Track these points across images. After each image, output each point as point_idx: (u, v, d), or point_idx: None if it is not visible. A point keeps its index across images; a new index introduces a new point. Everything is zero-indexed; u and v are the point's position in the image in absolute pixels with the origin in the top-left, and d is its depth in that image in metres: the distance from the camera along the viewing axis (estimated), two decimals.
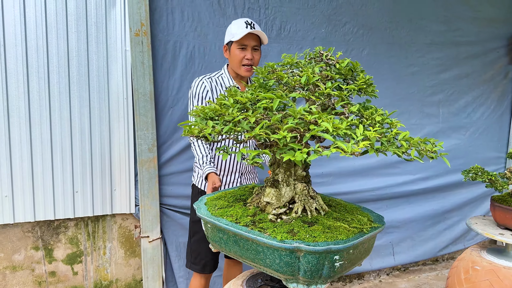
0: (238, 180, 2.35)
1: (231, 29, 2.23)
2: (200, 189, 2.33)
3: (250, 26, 2.18)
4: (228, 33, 2.25)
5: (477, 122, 3.69)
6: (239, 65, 2.21)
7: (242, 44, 2.18)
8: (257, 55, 2.24)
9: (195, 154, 2.20)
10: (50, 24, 2.51)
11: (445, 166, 3.58)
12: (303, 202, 1.47)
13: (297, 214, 1.43)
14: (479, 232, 2.37)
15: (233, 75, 2.29)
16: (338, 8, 3.06)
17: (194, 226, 2.37)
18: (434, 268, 3.74)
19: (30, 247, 2.70)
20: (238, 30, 2.17)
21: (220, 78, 2.28)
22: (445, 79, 3.51)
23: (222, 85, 2.26)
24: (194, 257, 2.37)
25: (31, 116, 2.54)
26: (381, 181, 3.37)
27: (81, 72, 2.60)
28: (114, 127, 2.71)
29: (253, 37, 2.19)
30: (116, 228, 2.87)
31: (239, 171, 2.34)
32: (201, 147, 2.19)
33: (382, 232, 3.43)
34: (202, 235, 2.30)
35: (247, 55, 2.19)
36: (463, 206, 3.72)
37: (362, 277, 3.53)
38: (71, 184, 2.66)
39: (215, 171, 2.10)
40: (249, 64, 2.20)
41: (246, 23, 2.19)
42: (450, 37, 3.46)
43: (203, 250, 2.33)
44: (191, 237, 2.40)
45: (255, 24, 2.23)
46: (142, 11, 2.54)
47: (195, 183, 2.38)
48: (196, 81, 2.26)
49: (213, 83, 2.25)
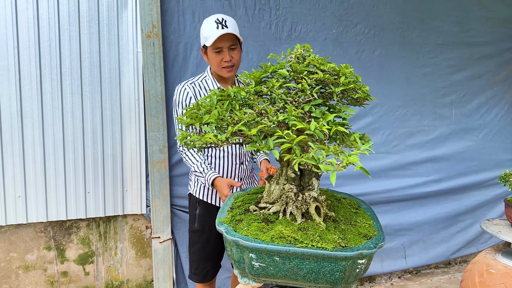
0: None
1: (202, 31, 2.07)
2: (198, 198, 2.25)
3: (222, 25, 2.01)
4: (201, 35, 2.09)
5: (490, 123, 3.64)
6: (219, 68, 2.08)
7: (217, 47, 2.03)
8: (235, 54, 2.08)
9: (190, 164, 2.11)
10: (63, 26, 2.53)
11: (458, 168, 3.54)
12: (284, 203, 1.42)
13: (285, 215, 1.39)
14: (495, 235, 2.33)
15: (217, 77, 2.17)
16: (349, 9, 3.05)
17: (193, 237, 2.30)
18: (447, 271, 3.70)
19: (43, 247, 2.73)
20: (210, 33, 2.01)
21: (204, 81, 2.17)
22: (458, 80, 3.47)
23: (206, 88, 2.15)
24: (195, 268, 2.31)
25: (44, 117, 2.56)
26: (393, 183, 3.33)
27: (93, 73, 2.62)
28: (126, 128, 2.72)
29: (227, 36, 2.02)
30: (128, 229, 2.88)
31: (238, 177, 2.26)
32: (195, 155, 2.10)
33: (394, 234, 3.42)
34: (202, 245, 2.26)
35: (225, 57, 2.05)
36: (476, 208, 3.67)
37: (374, 280, 3.50)
38: (83, 184, 2.68)
39: (220, 175, 2.04)
40: (229, 65, 2.07)
41: (217, 22, 2.02)
42: (463, 38, 3.43)
43: (203, 259, 2.27)
44: (190, 247, 2.34)
45: (228, 20, 2.05)
46: (154, 13, 2.56)
47: (191, 192, 2.29)
48: (178, 88, 2.15)
49: (196, 88, 2.14)
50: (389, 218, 3.37)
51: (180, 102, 2.12)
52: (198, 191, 2.25)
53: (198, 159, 2.10)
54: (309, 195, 1.42)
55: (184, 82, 2.16)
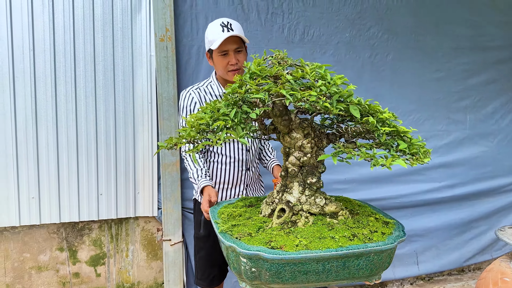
0: (243, 193, 2.24)
1: (208, 34, 2.06)
2: None
3: (227, 28, 2.00)
4: (206, 40, 2.08)
5: (505, 128, 3.58)
6: (225, 71, 2.06)
7: (223, 50, 2.02)
8: (241, 57, 2.06)
9: (189, 168, 2.08)
10: (78, 30, 2.56)
11: (472, 174, 3.49)
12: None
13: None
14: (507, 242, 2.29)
15: (222, 82, 2.15)
16: (362, 13, 3.03)
17: (198, 243, 2.27)
18: (460, 278, 3.64)
19: (55, 248, 2.75)
20: (215, 36, 2.00)
21: (209, 86, 2.15)
22: (472, 84, 3.43)
23: (211, 94, 2.13)
24: (201, 274, 2.28)
25: (58, 119, 2.59)
26: (405, 188, 3.30)
27: (107, 76, 2.64)
28: (139, 130, 2.74)
29: (233, 39, 2.01)
30: (139, 231, 2.89)
31: (244, 183, 2.23)
32: (194, 161, 2.07)
33: (406, 240, 3.35)
34: (207, 251, 2.23)
35: (231, 60, 2.03)
36: (491, 215, 3.61)
37: (385, 286, 3.46)
38: (95, 186, 2.70)
39: (211, 184, 2.00)
40: (235, 68, 2.04)
41: (222, 25, 2.01)
42: (478, 42, 3.38)
43: (208, 265, 2.25)
44: (196, 253, 2.32)
45: (233, 24, 2.04)
46: (167, 17, 2.57)
47: (197, 198, 2.26)
48: (183, 93, 2.15)
49: (201, 93, 2.13)
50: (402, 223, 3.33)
51: (185, 107, 2.11)
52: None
53: (196, 165, 2.06)
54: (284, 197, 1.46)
55: (189, 88, 2.16)
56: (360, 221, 1.44)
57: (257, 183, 2.35)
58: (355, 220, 1.45)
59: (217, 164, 2.18)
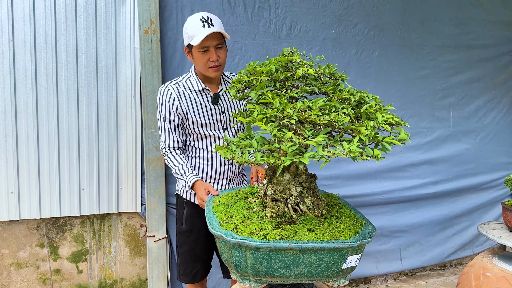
0: (226, 187, 2.23)
1: (187, 29, 2.00)
2: (185, 199, 2.21)
3: (208, 24, 1.96)
4: (185, 34, 2.03)
5: (488, 126, 3.64)
6: (205, 67, 2.02)
7: (203, 46, 1.97)
8: (222, 53, 2.03)
9: (172, 165, 2.08)
10: (59, 20, 2.49)
11: (455, 171, 3.53)
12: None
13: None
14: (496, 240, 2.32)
15: (202, 77, 2.12)
16: (349, 9, 3.03)
17: (181, 237, 2.26)
18: (442, 273, 3.69)
19: (35, 244, 2.69)
20: (195, 31, 1.95)
21: (188, 81, 2.11)
22: (457, 82, 3.47)
23: (190, 89, 2.10)
24: (183, 269, 2.27)
25: (39, 113, 2.53)
26: (390, 184, 3.32)
27: (90, 69, 2.58)
28: (122, 125, 2.69)
29: (213, 35, 1.97)
30: (122, 227, 2.85)
31: (227, 177, 2.22)
32: (176, 157, 2.08)
33: (390, 236, 3.41)
34: (190, 246, 2.22)
35: (211, 56, 1.99)
36: (473, 211, 3.67)
37: (369, 281, 3.48)
38: (77, 181, 2.64)
39: (200, 178, 2.01)
40: (216, 65, 2.01)
41: (202, 20, 1.96)
42: (463, 40, 3.42)
43: (191, 260, 2.23)
44: (178, 248, 2.29)
45: (214, 19, 1.99)
46: (152, 9, 2.53)
47: (179, 192, 2.26)
48: (162, 89, 2.10)
49: (181, 89, 2.09)
50: (385, 219, 3.36)
51: (163, 104, 2.07)
52: (186, 191, 2.21)
53: (180, 161, 2.07)
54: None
55: (167, 83, 2.12)
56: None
57: (240, 177, 2.35)
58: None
59: (200, 159, 2.17)
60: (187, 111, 2.08)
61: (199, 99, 2.10)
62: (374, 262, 3.39)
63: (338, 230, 1.35)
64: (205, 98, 2.11)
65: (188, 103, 2.08)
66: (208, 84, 2.13)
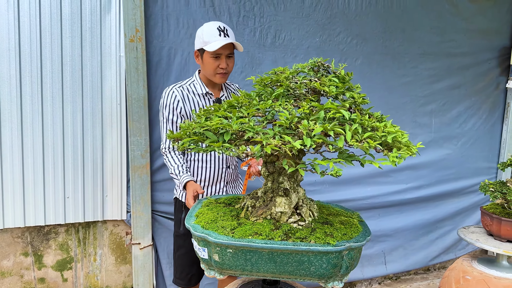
0: (223, 190, 2.30)
1: (203, 35, 2.08)
2: (183, 202, 2.25)
3: (224, 33, 2.07)
4: (199, 39, 2.11)
5: (468, 132, 3.72)
6: (213, 73, 2.12)
7: (217, 53, 2.07)
8: (231, 62, 2.15)
9: (169, 165, 2.15)
10: (44, 29, 2.50)
11: (437, 176, 3.60)
12: (308, 205, 1.52)
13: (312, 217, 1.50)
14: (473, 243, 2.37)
15: (206, 81, 2.21)
16: (332, 18, 3.08)
17: (178, 240, 2.30)
18: (426, 277, 3.75)
19: (20, 253, 2.67)
20: (211, 38, 2.05)
21: (192, 85, 2.20)
22: (438, 89, 3.54)
23: (194, 92, 2.18)
24: (179, 272, 2.31)
25: (23, 120, 2.52)
26: (374, 189, 3.37)
27: (75, 77, 2.59)
28: (107, 132, 2.70)
29: (227, 45, 2.08)
30: (107, 235, 2.84)
31: (224, 180, 2.29)
32: (174, 158, 2.14)
33: (374, 240, 3.45)
34: (187, 249, 2.25)
35: (222, 64, 2.09)
36: (455, 215, 3.74)
37: (354, 286, 3.52)
38: (62, 189, 2.64)
39: (193, 179, 2.08)
40: (224, 72, 2.12)
41: (219, 29, 2.07)
42: (443, 48, 3.49)
43: (187, 264, 2.27)
44: (175, 252, 2.34)
45: (228, 30, 2.11)
46: (137, 17, 2.54)
47: (177, 196, 2.31)
48: (166, 91, 2.18)
49: (185, 92, 2.17)
50: (370, 224, 3.36)
51: (168, 105, 2.15)
52: (183, 195, 2.25)
53: (177, 162, 2.13)
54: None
55: (172, 85, 2.19)
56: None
57: (236, 181, 2.41)
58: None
59: (198, 162, 2.22)
60: (190, 113, 2.16)
61: (202, 103, 2.19)
62: (359, 267, 3.43)
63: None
64: (208, 102, 2.20)
65: (191, 105, 2.16)
66: (211, 89, 2.22)
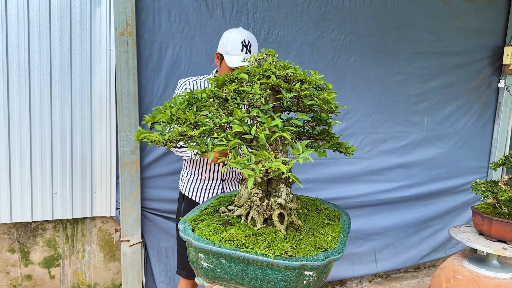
0: (220, 186, 2.30)
1: (227, 43, 2.07)
2: (183, 194, 2.31)
3: (246, 49, 2.05)
4: (223, 45, 2.10)
5: (460, 131, 3.73)
6: None
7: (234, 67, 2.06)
8: None
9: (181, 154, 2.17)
10: (33, 21, 2.44)
11: (428, 174, 3.61)
12: (248, 208, 1.41)
13: (247, 220, 1.39)
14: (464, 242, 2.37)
15: None
16: (326, 14, 3.06)
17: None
18: (416, 275, 3.76)
19: (6, 250, 2.62)
20: (233, 51, 2.04)
21: (206, 82, 2.22)
22: (430, 88, 3.54)
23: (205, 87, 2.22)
24: (182, 262, 2.34)
25: (10, 115, 2.47)
26: (365, 188, 3.37)
27: (64, 70, 2.54)
28: (96, 128, 2.65)
29: None
30: (96, 231, 2.80)
31: (221, 177, 2.30)
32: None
33: (365, 239, 3.45)
34: None
35: None
36: (445, 214, 3.75)
37: (345, 284, 3.52)
38: (50, 185, 2.59)
39: None
40: None
41: (243, 44, 2.05)
42: (437, 47, 3.49)
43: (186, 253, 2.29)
44: (178, 241, 2.38)
45: (253, 45, 2.08)
46: (128, 11, 2.50)
47: (179, 187, 2.35)
48: (180, 82, 2.25)
49: (197, 86, 2.19)
50: (361, 222, 3.41)
51: None
52: (184, 186, 2.31)
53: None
54: (275, 201, 1.41)
55: (187, 78, 2.25)
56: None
57: (235, 179, 2.41)
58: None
59: (196, 159, 2.24)
60: None
61: None
62: (349, 265, 3.43)
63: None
64: None
65: None
66: None
